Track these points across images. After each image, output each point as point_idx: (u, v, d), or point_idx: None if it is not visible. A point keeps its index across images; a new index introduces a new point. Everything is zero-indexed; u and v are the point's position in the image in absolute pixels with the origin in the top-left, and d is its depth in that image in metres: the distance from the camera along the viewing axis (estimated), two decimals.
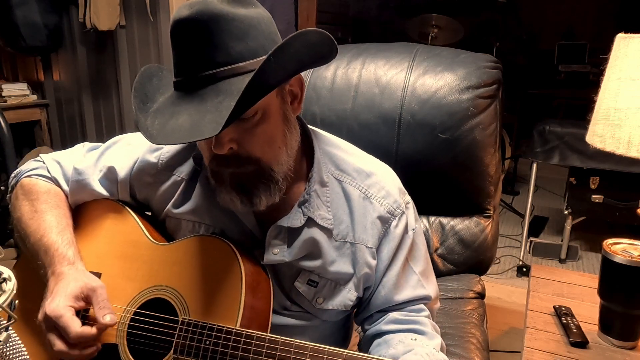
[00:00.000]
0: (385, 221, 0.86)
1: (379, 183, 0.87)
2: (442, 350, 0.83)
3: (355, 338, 1.05)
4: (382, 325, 0.86)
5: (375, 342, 0.86)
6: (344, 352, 0.69)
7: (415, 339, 0.82)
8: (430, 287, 0.90)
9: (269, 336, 0.73)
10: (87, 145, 0.99)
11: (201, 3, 0.68)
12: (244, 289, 0.76)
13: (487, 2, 4.72)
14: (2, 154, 2.15)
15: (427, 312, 0.87)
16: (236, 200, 0.77)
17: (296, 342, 0.71)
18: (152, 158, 0.91)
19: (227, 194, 0.77)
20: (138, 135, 0.96)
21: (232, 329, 0.74)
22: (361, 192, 0.86)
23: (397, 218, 0.86)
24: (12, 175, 0.98)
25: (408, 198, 0.90)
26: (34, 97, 2.97)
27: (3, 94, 2.78)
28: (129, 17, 2.59)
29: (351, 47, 1.38)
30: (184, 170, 0.90)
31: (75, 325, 0.74)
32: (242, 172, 0.75)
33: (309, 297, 0.86)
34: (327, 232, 0.84)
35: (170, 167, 0.91)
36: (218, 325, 0.75)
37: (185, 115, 0.68)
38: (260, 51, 0.70)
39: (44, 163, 0.96)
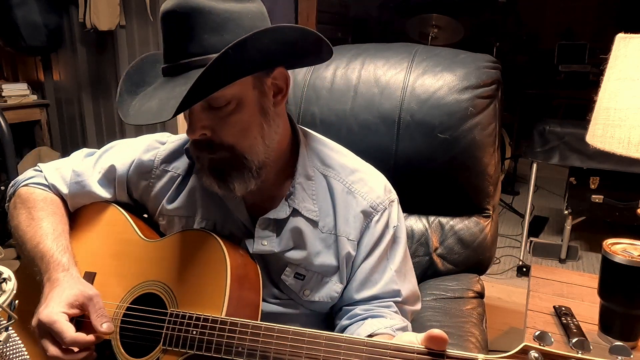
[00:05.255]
0: (367, 215, 0.87)
1: (363, 179, 0.90)
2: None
3: None
4: (344, 320, 0.87)
5: None
6: (323, 333, 0.70)
7: (366, 319, 0.83)
8: (405, 285, 0.89)
9: (253, 322, 0.74)
10: (85, 150, 1.01)
11: None
12: (229, 280, 0.77)
13: (487, 2, 4.73)
14: (2, 154, 2.15)
15: (395, 309, 0.87)
16: (214, 184, 0.81)
17: (279, 326, 0.72)
18: (149, 156, 0.94)
19: (207, 178, 0.81)
20: (136, 139, 0.99)
21: (217, 317, 0.75)
22: (344, 187, 0.88)
23: (379, 213, 0.88)
24: (10, 184, 1.00)
25: (393, 196, 0.92)
26: (34, 97, 2.96)
27: (3, 94, 2.78)
28: (129, 17, 2.59)
29: (351, 47, 1.38)
30: (180, 167, 0.93)
31: (69, 331, 0.76)
32: (216, 157, 0.78)
33: (296, 290, 0.88)
34: (313, 223, 0.87)
35: (166, 164, 0.93)
36: (204, 315, 0.76)
37: (157, 99, 0.73)
38: None
39: (42, 172, 0.98)
